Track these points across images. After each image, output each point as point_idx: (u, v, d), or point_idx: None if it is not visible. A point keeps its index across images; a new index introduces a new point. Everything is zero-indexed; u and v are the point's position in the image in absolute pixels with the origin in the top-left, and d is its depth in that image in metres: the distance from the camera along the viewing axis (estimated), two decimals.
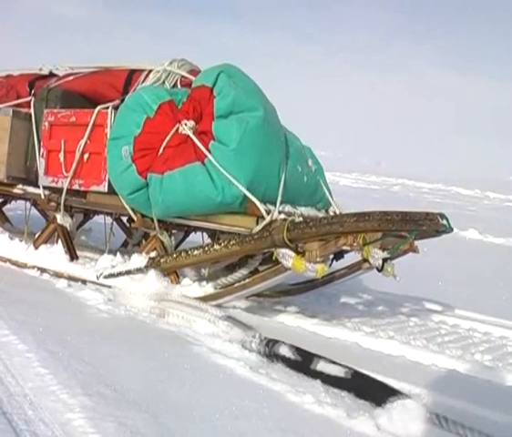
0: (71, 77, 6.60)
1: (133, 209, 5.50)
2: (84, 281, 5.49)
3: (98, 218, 7.08)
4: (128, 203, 5.45)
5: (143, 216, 5.47)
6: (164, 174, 5.10)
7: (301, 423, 3.04)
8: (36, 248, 6.09)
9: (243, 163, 4.96)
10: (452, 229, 5.00)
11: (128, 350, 3.88)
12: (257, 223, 5.00)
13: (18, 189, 6.51)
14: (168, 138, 5.22)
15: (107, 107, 5.76)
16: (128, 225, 6.73)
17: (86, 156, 5.82)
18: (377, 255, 5.22)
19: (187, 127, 5.15)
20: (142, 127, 5.30)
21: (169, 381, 3.40)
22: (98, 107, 5.79)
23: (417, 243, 5.61)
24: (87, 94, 6.29)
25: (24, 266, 5.91)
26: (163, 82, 5.84)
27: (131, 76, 6.13)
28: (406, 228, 4.71)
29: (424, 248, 5.86)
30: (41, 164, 6.17)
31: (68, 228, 6.08)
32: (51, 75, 6.94)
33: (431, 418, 3.12)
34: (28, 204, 7.06)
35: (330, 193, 6.00)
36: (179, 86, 5.83)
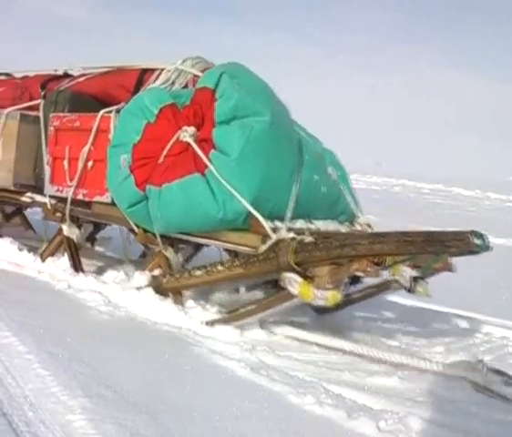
0: (83, 78, 6.19)
1: (136, 223, 5.05)
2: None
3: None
4: (127, 216, 5.00)
5: (145, 230, 5.01)
6: (162, 186, 4.62)
7: (301, 424, 3.03)
8: (43, 260, 5.75)
9: (247, 174, 4.42)
10: (489, 248, 4.26)
11: (128, 351, 3.86)
12: (263, 241, 4.45)
13: (27, 198, 6.17)
14: (168, 146, 4.73)
15: (111, 111, 5.31)
16: None
17: (89, 163, 5.40)
18: (406, 273, 4.63)
19: (187, 135, 4.64)
20: (142, 134, 4.84)
21: (170, 382, 3.39)
22: (102, 111, 5.35)
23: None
24: (98, 96, 5.86)
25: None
26: (173, 82, 5.34)
27: (143, 76, 5.65)
28: (430, 251, 4.07)
29: None
30: (47, 171, 5.80)
31: (75, 240, 5.69)
32: (65, 75, 6.55)
33: None
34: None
35: (356, 203, 5.34)
36: (190, 86, 5.31)
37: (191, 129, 4.66)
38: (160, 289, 4.83)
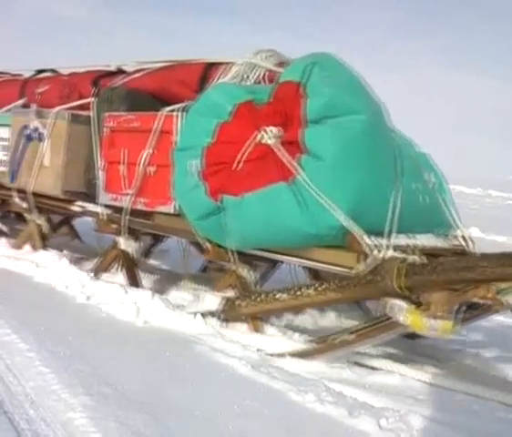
0: (139, 74, 5.56)
1: (205, 237, 4.43)
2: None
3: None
4: (196, 229, 4.38)
5: (219, 245, 4.38)
6: (241, 196, 4.00)
7: (302, 422, 3.03)
8: (97, 276, 5.16)
9: (343, 183, 3.79)
10: None
11: (129, 349, 3.85)
12: (358, 260, 3.81)
13: (77, 207, 5.58)
14: (245, 149, 4.10)
15: (175, 110, 4.69)
16: None
17: (150, 169, 4.79)
18: None
19: (270, 136, 4.01)
20: (214, 136, 4.22)
21: (171, 381, 3.38)
22: (164, 110, 4.74)
23: None
24: (156, 93, 5.23)
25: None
26: (244, 77, 4.70)
27: (207, 71, 5.00)
28: None
29: None
30: (100, 178, 5.19)
31: (133, 255, 5.09)
32: (119, 71, 5.96)
33: None
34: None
35: (456, 213, 4.63)
36: (264, 82, 4.67)
37: (275, 130, 4.02)
38: (236, 314, 4.22)
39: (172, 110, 4.70)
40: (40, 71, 6.83)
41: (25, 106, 6.38)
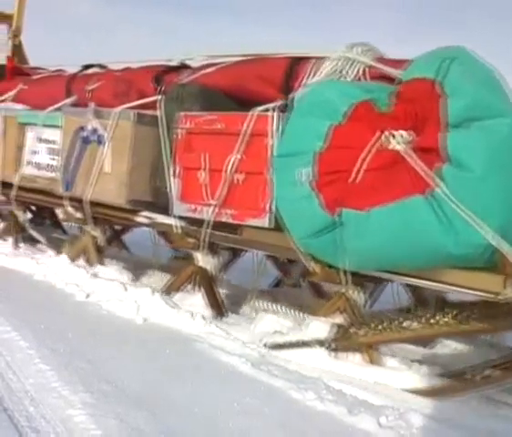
0: (209, 70, 4.99)
1: (314, 255, 3.90)
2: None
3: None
4: (304, 246, 3.85)
5: (329, 265, 3.86)
6: (367, 210, 3.47)
7: (302, 420, 3.02)
8: (168, 295, 4.61)
9: (491, 196, 3.28)
10: None
11: (129, 347, 3.85)
12: (504, 285, 3.30)
13: (143, 218, 4.99)
14: (365, 156, 3.58)
15: (268, 110, 4.15)
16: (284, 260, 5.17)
17: (239, 176, 4.24)
18: None
19: (400, 141, 3.49)
20: (327, 140, 3.69)
21: (171, 379, 3.37)
22: (256, 110, 4.19)
23: None
24: (230, 91, 4.70)
25: None
26: (343, 74, 4.18)
27: (293, 67, 4.46)
28: None
29: None
30: (175, 186, 4.59)
31: (212, 272, 4.55)
32: (182, 67, 5.39)
33: None
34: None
35: None
36: (365, 79, 4.16)
37: (405, 134, 3.50)
38: (350, 344, 3.71)
39: (266, 110, 4.16)
40: (87, 66, 6.27)
41: (75, 104, 5.82)
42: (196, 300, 4.54)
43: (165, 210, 4.69)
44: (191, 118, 4.54)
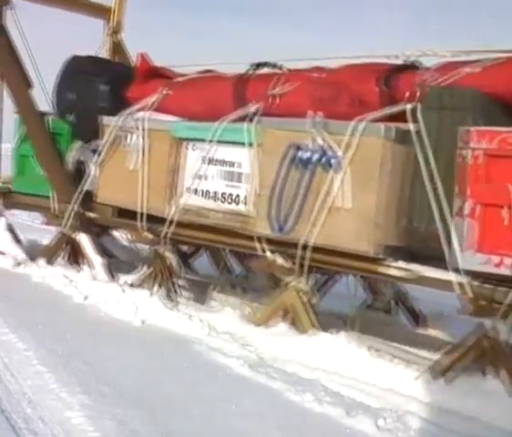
0: (466, 70, 3.95)
1: None
2: None
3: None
4: None
5: None
6: None
7: (300, 422, 3.01)
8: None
9: None
10: None
11: (127, 349, 3.85)
12: None
13: (393, 269, 3.82)
14: None
15: None
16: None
17: None
18: None
19: None
20: None
21: (169, 380, 3.39)
22: None
23: None
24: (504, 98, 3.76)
25: None
26: None
27: None
28: None
29: None
30: (461, 228, 3.56)
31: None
32: (411, 66, 4.42)
33: None
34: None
35: None
36: None
37: None
38: None
39: None
40: (258, 65, 5.21)
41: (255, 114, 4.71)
42: None
43: (426, 259, 3.77)
44: (492, 136, 3.52)
